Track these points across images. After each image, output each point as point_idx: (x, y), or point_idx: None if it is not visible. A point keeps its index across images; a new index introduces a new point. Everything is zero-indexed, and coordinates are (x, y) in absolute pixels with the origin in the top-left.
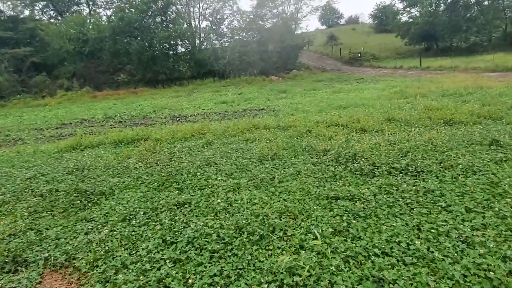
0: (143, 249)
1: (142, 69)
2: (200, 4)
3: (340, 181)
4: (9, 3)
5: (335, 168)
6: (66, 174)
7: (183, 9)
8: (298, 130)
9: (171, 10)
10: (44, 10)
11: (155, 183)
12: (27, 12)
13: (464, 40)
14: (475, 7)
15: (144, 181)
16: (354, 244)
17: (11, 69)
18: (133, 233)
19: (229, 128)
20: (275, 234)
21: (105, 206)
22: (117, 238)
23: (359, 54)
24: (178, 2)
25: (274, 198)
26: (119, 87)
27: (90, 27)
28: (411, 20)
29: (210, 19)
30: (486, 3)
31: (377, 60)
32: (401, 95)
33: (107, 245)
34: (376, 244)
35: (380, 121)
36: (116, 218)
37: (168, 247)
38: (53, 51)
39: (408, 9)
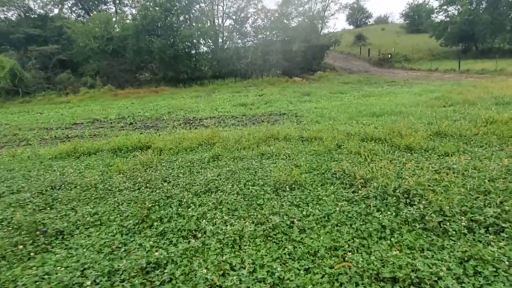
0: None
1: (164, 68)
2: (224, 2)
3: (393, 239)
4: (39, 1)
5: (382, 214)
6: (36, 194)
7: (207, 7)
8: (325, 145)
9: (195, 8)
10: (73, 9)
11: (132, 219)
12: (56, 11)
13: (508, 41)
14: None
15: (121, 213)
16: None
17: (38, 65)
18: None
19: (243, 137)
20: None
21: (50, 259)
22: None
23: (389, 55)
24: (202, 1)
25: (291, 267)
26: (141, 85)
27: (115, 25)
28: (448, 19)
29: (234, 17)
30: None
31: (409, 62)
32: (444, 102)
33: None
34: None
35: (427, 136)
36: None
37: None
38: (79, 49)
39: (445, 7)
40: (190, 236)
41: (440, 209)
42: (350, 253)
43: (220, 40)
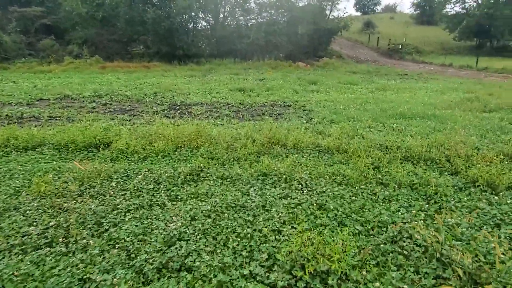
0: None
1: (158, 42)
2: None
3: None
4: None
5: None
6: None
7: None
8: (355, 163)
9: None
10: None
11: None
12: None
13: None
14: None
15: None
16: None
17: (19, 29)
18: None
19: (239, 140)
20: None
21: None
22: None
23: (400, 46)
24: None
25: None
26: (132, 59)
27: None
28: (464, 11)
29: None
30: None
31: (420, 55)
32: (481, 105)
33: None
34: None
35: (499, 160)
36: None
37: None
38: (65, 14)
39: None
40: None
41: None
42: None
43: (221, 15)
